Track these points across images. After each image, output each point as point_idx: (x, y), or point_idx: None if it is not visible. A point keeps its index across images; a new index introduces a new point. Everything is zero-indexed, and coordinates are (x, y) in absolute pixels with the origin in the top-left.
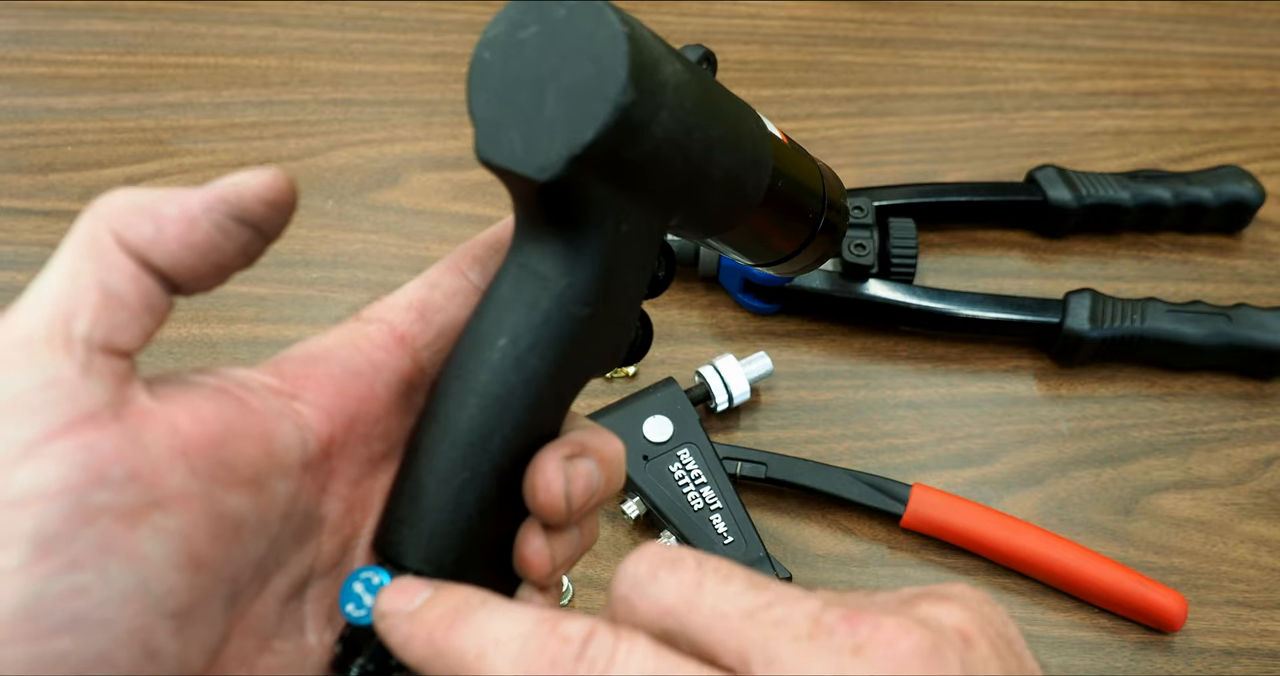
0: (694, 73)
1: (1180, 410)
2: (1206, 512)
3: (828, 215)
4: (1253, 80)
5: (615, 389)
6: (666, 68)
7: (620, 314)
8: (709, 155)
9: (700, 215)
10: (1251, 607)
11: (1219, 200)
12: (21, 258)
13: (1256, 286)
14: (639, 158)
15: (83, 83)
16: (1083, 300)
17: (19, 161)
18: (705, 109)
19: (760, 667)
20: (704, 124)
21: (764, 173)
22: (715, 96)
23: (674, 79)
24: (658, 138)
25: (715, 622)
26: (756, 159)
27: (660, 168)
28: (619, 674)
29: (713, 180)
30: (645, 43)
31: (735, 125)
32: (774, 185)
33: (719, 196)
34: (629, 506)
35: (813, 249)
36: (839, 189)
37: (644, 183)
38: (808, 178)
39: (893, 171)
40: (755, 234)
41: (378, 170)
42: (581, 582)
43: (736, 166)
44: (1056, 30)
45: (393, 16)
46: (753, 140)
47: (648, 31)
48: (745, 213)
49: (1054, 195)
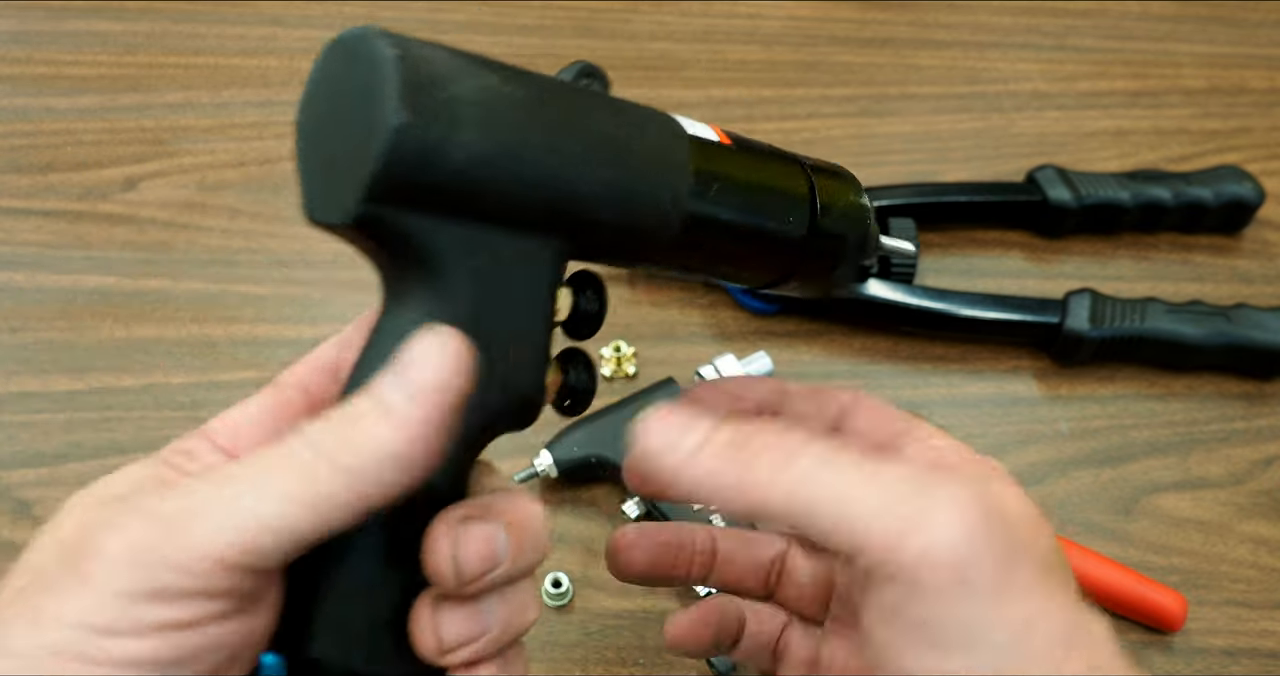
0: (523, 83)
1: (1180, 410)
2: (1206, 512)
3: (823, 222)
4: (1253, 80)
5: (615, 389)
6: (466, 83)
7: (509, 354)
8: (557, 170)
9: (594, 238)
10: (1251, 607)
11: (1219, 200)
12: (21, 258)
13: (1256, 286)
14: (446, 181)
15: (83, 83)
16: (1082, 300)
17: (19, 161)
18: (542, 121)
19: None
20: (539, 138)
21: (674, 183)
22: (563, 107)
23: (478, 93)
24: (463, 157)
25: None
26: (656, 169)
27: (481, 188)
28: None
29: (580, 197)
30: (426, 61)
31: (605, 135)
32: (704, 195)
33: (604, 214)
34: (629, 506)
35: (815, 263)
36: (844, 190)
37: (469, 207)
38: (771, 180)
39: (893, 171)
40: (708, 254)
41: None
42: (581, 582)
43: (618, 179)
44: (1056, 30)
45: (392, 17)
46: (650, 148)
47: (442, 50)
48: (662, 231)
49: (1054, 195)
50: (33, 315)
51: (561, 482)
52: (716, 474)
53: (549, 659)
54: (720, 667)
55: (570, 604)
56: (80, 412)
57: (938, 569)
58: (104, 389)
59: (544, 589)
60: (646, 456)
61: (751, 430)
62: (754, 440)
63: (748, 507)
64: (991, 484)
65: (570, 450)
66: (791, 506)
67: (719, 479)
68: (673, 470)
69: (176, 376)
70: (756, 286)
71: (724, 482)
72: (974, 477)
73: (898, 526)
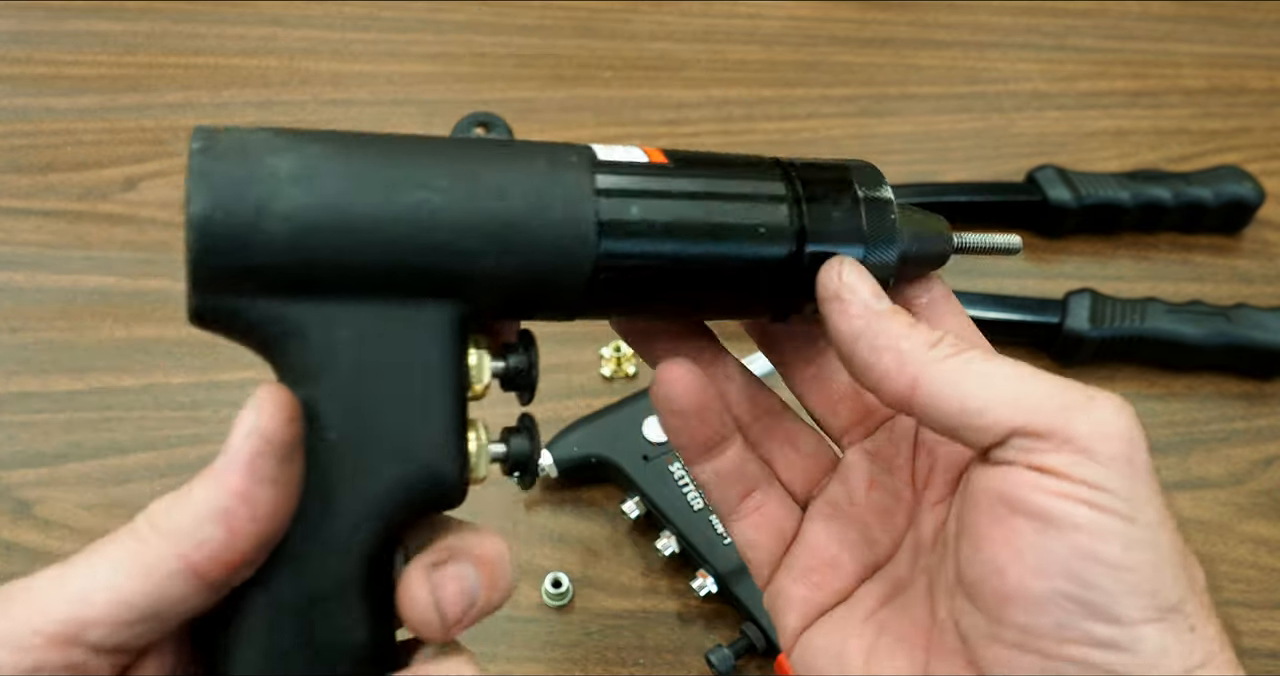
0: (354, 150)
1: (1180, 410)
2: (1206, 512)
3: (815, 231)
4: (1253, 80)
5: (615, 389)
6: (283, 160)
7: (403, 425)
8: (400, 232)
9: (484, 295)
10: (1251, 607)
11: (1219, 200)
12: (21, 258)
13: (1256, 286)
14: (270, 262)
15: (83, 83)
16: (1082, 300)
17: (19, 161)
18: (375, 184)
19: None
20: (370, 202)
21: (572, 220)
22: (405, 165)
23: (294, 168)
24: (281, 234)
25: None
26: (540, 207)
27: (313, 262)
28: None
29: (436, 254)
30: (238, 148)
31: (464, 183)
32: (618, 228)
33: (480, 268)
34: (629, 506)
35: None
36: (845, 187)
37: (308, 284)
38: (722, 194)
39: (893, 171)
40: (650, 296)
41: None
42: (581, 582)
43: (488, 227)
44: (1056, 30)
45: (393, 16)
46: (533, 186)
47: (265, 133)
48: (569, 277)
49: (1054, 195)
50: (33, 315)
51: (561, 482)
52: (892, 335)
53: (549, 659)
54: (720, 667)
55: (570, 604)
56: (80, 412)
57: (1110, 440)
58: (104, 389)
59: (544, 589)
60: (852, 289)
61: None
62: (933, 329)
63: (900, 379)
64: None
65: (570, 450)
66: (944, 381)
67: (892, 340)
68: (863, 310)
69: (176, 376)
70: (755, 319)
71: (893, 345)
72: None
73: (1061, 403)
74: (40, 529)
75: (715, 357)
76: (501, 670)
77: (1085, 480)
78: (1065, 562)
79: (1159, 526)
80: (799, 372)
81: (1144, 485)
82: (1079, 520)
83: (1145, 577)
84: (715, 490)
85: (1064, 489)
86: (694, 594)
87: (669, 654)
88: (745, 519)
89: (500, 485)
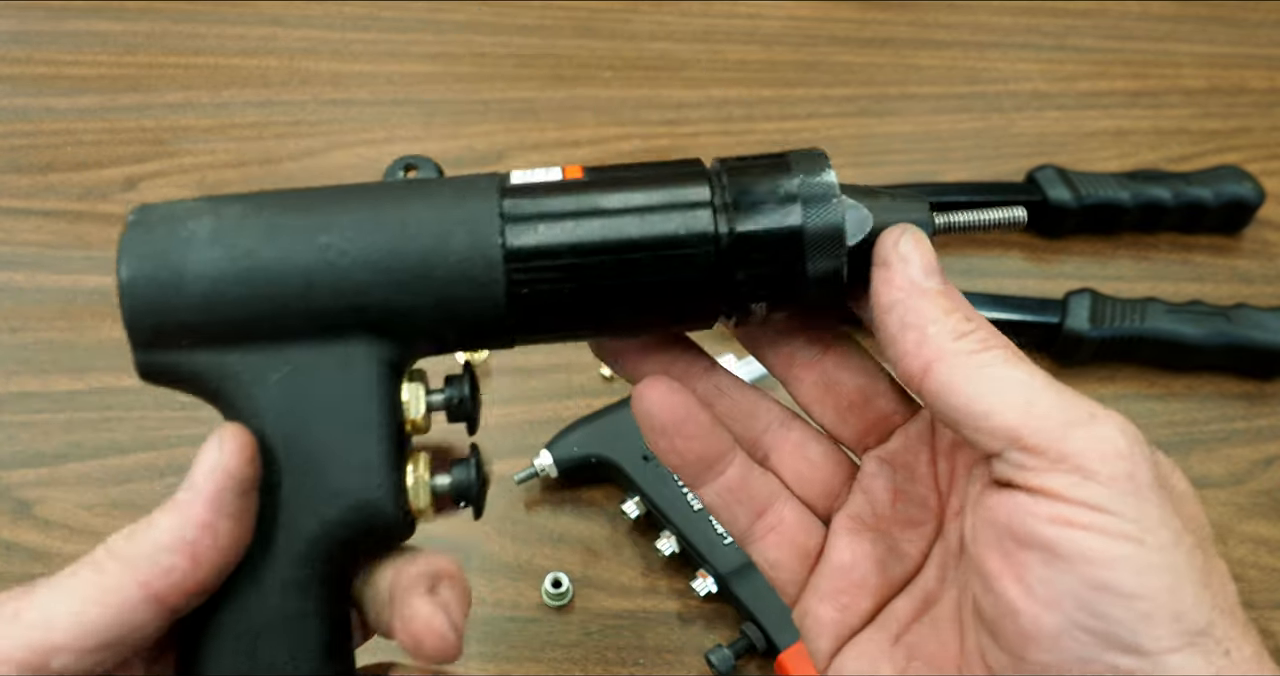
0: (270, 207)
1: (1180, 410)
2: (1206, 512)
3: (740, 226)
4: (1253, 80)
5: (615, 389)
6: (202, 223)
7: (341, 462)
8: (310, 277)
9: (407, 330)
10: (1251, 607)
11: (1219, 200)
12: (21, 258)
13: (1256, 286)
14: (194, 317)
15: (83, 83)
16: (1082, 300)
17: (19, 161)
18: (285, 234)
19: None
20: (280, 252)
21: (475, 248)
22: (317, 210)
23: (210, 230)
24: (200, 290)
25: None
26: (441, 240)
27: (236, 312)
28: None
29: (348, 293)
30: (167, 216)
31: (373, 226)
32: (525, 252)
33: (393, 303)
34: (629, 506)
35: (763, 282)
36: (778, 175)
37: (235, 332)
38: (636, 203)
39: (893, 171)
40: (571, 316)
41: (377, 170)
42: (581, 582)
43: (394, 265)
44: (1056, 30)
45: (393, 16)
46: (435, 220)
47: (194, 202)
48: (483, 304)
49: (1054, 195)
50: (33, 315)
51: (561, 482)
52: (923, 315)
53: (549, 659)
54: (720, 667)
55: (570, 604)
56: (80, 412)
57: (1109, 459)
58: (104, 389)
59: (544, 589)
60: (904, 258)
61: (971, 313)
62: (969, 319)
63: (916, 360)
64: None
65: (570, 450)
66: (956, 375)
67: (922, 320)
68: (907, 283)
69: None
70: (703, 328)
71: (921, 326)
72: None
73: (1062, 418)
74: (40, 529)
75: (704, 372)
76: (501, 670)
77: (1086, 502)
78: (1077, 595)
79: (1173, 546)
80: (800, 380)
81: (1151, 503)
82: (1085, 548)
83: (1163, 604)
84: (724, 512)
85: (1066, 514)
86: (694, 594)
87: (669, 654)
88: (763, 539)
89: (500, 484)
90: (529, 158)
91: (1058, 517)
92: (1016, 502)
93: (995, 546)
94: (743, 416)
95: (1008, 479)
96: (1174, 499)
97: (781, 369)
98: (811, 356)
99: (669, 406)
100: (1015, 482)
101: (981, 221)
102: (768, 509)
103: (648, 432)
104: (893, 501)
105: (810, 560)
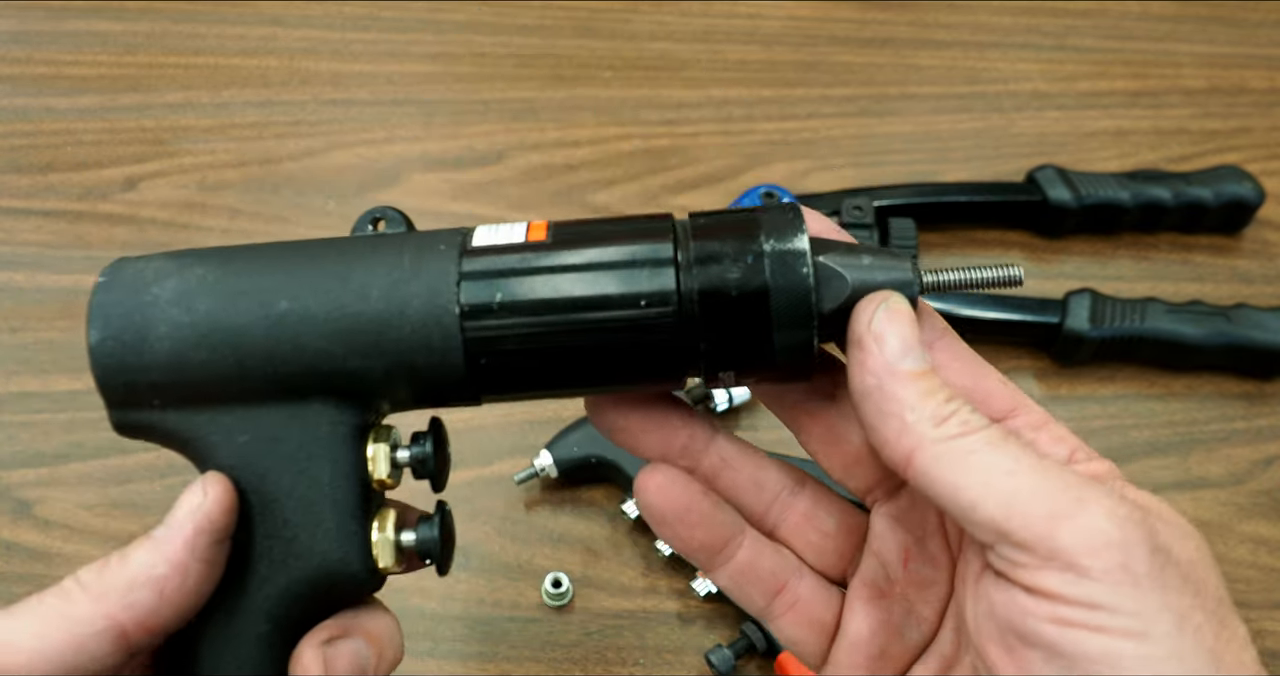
0: (234, 266)
1: (1180, 410)
2: (1206, 512)
3: (703, 285)
4: (1253, 80)
5: None
6: (167, 285)
7: (307, 520)
8: (272, 339)
9: (368, 391)
10: (1251, 607)
11: (1219, 200)
12: (20, 258)
13: (1256, 286)
14: (160, 378)
15: (83, 83)
16: (1082, 300)
17: (19, 161)
18: (249, 298)
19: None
20: (243, 315)
21: (433, 309)
22: (279, 272)
23: (174, 291)
24: (164, 351)
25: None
26: (398, 301)
27: (199, 374)
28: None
29: (310, 355)
30: (135, 276)
31: (336, 286)
32: (483, 313)
33: (351, 365)
34: (629, 506)
35: (729, 346)
36: (748, 235)
37: (200, 393)
38: (597, 263)
39: (893, 171)
40: (533, 378)
41: (378, 170)
42: (581, 582)
43: (352, 326)
44: (1056, 30)
45: (393, 16)
46: (393, 280)
47: (163, 259)
48: (443, 367)
49: (1054, 195)
50: (33, 315)
51: (561, 482)
52: (900, 402)
53: (549, 659)
54: (720, 667)
55: (570, 604)
56: (80, 412)
57: (1099, 552)
58: None
59: (544, 589)
60: (878, 339)
61: (952, 393)
62: (950, 400)
63: (897, 450)
64: (1127, 488)
65: (570, 450)
66: (940, 465)
67: (899, 407)
68: (880, 367)
69: None
70: (668, 389)
71: (899, 413)
72: (1108, 480)
73: (1048, 510)
74: (40, 529)
75: (706, 443)
76: (501, 670)
77: (1083, 601)
78: None
79: (1177, 633)
80: (808, 431)
81: (1150, 592)
82: (1087, 648)
83: None
84: (740, 593)
85: (1065, 615)
86: (694, 594)
87: (669, 654)
88: (782, 617)
89: (500, 484)
90: (529, 158)
91: (1057, 618)
92: (1014, 600)
93: (998, 640)
94: (749, 487)
95: (1003, 571)
96: (1180, 568)
97: (787, 417)
98: (817, 407)
99: (670, 497)
100: (1010, 577)
101: (973, 279)
102: (784, 586)
103: (652, 523)
104: (905, 562)
105: (830, 633)
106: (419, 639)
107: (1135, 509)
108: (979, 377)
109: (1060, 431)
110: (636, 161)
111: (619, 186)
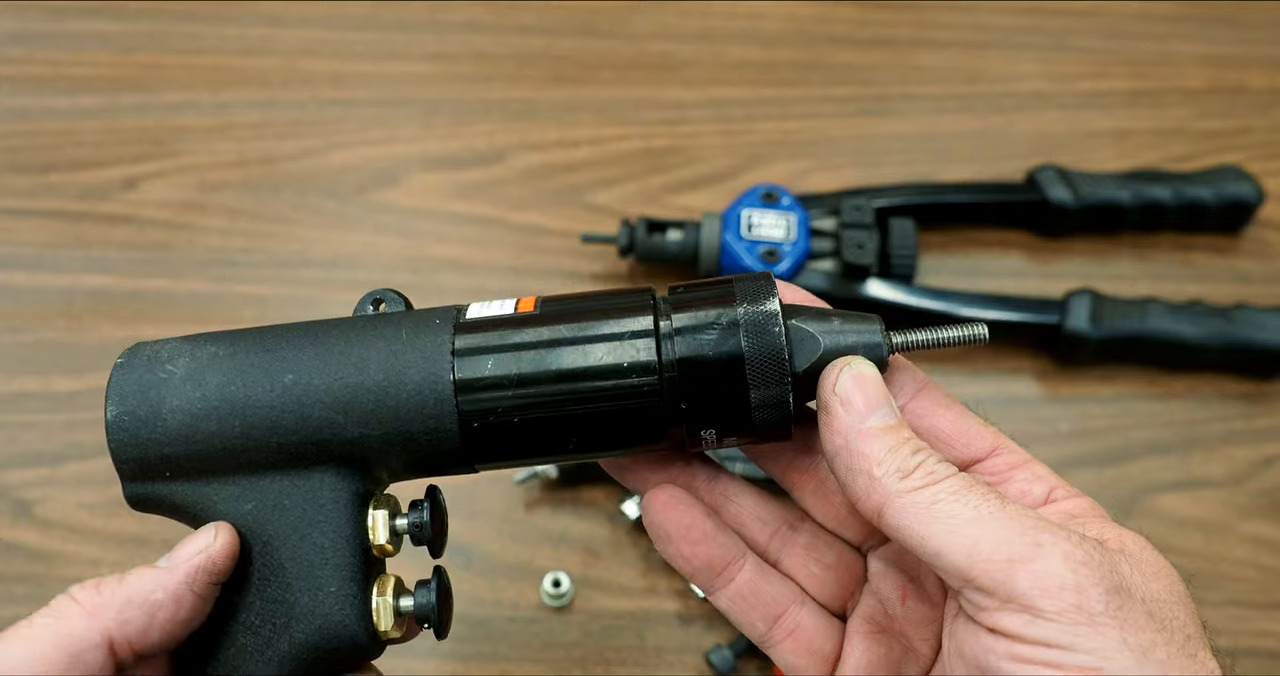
0: (243, 346)
1: (1180, 410)
2: (1206, 512)
3: (682, 354)
4: (1253, 80)
5: None
6: (179, 363)
7: (309, 586)
8: (275, 413)
9: (370, 461)
10: (1251, 607)
11: (1219, 200)
12: (20, 258)
13: (1256, 286)
14: (172, 451)
15: (83, 83)
16: (1083, 300)
17: (19, 161)
18: (256, 375)
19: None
20: (248, 391)
21: (427, 383)
22: (283, 349)
23: (187, 369)
24: (178, 422)
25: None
26: (395, 377)
27: (208, 447)
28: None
29: (312, 429)
30: (152, 356)
31: (335, 364)
32: (475, 385)
33: (353, 436)
34: (629, 506)
35: (709, 408)
36: (724, 303)
37: (211, 465)
38: (581, 335)
39: (893, 171)
40: (527, 445)
41: (378, 170)
42: (581, 582)
43: (351, 401)
44: (1056, 30)
45: (393, 16)
46: (389, 358)
47: (179, 342)
48: (439, 436)
49: (1054, 195)
50: (33, 315)
51: (561, 482)
52: (867, 459)
53: (549, 659)
54: (720, 667)
55: (570, 604)
56: (80, 412)
57: (1051, 594)
58: (104, 389)
59: (544, 589)
60: (844, 402)
61: (919, 444)
62: (916, 452)
63: (868, 504)
64: (1089, 526)
65: None
66: (907, 517)
67: (866, 464)
68: (846, 428)
69: None
70: (663, 451)
71: (867, 470)
72: (1072, 525)
73: (1006, 555)
74: (40, 529)
75: (708, 481)
76: (501, 670)
77: (1041, 641)
78: None
79: (1136, 669)
80: (798, 485)
81: (1108, 630)
82: None
83: None
84: (740, 616)
85: (1023, 653)
86: (694, 594)
87: (669, 654)
88: (781, 644)
89: (500, 485)
90: (529, 158)
91: (1015, 656)
92: (979, 640)
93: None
94: (751, 521)
95: (970, 613)
96: (1145, 606)
97: (778, 475)
98: (807, 465)
99: (674, 514)
100: (976, 619)
101: (941, 339)
102: (784, 613)
103: (656, 540)
104: (902, 600)
105: (829, 663)
106: (419, 638)
107: (1095, 550)
108: (961, 421)
109: (1040, 470)
110: (636, 161)
111: (619, 186)
